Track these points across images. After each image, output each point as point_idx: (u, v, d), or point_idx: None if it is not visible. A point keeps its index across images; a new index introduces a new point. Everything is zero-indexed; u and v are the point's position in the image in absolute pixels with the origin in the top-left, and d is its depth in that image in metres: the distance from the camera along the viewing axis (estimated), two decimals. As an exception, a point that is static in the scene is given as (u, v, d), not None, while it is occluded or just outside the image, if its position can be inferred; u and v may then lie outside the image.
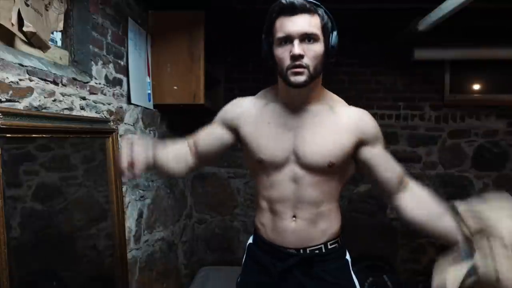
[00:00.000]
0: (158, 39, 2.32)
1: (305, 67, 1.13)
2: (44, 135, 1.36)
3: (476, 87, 3.28)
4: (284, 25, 1.13)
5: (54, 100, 1.44)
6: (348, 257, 1.34)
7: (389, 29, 2.91)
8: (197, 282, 2.90)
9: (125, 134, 1.98)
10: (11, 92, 1.22)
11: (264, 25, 1.20)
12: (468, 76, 3.24)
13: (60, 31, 1.61)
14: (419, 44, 2.91)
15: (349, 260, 1.34)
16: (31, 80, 1.31)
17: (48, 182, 1.43)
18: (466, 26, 2.83)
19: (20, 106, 1.27)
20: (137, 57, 2.13)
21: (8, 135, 1.17)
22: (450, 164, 3.22)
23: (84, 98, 1.63)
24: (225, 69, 3.22)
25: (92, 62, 1.70)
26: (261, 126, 1.26)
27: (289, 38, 1.13)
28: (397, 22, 2.71)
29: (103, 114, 1.78)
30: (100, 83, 1.76)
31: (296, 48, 1.11)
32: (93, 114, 1.69)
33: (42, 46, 1.45)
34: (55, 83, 1.44)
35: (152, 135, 2.36)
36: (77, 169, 1.61)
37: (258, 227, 1.35)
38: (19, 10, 1.29)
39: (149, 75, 2.30)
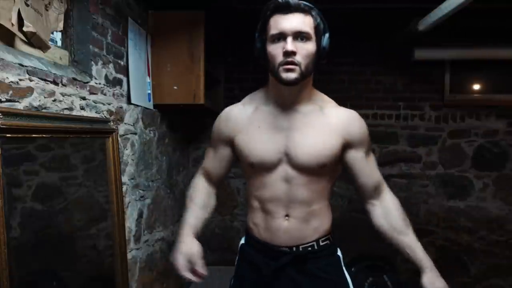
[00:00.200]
0: (158, 39, 2.32)
1: (297, 65, 1.15)
2: (44, 135, 1.35)
3: (476, 87, 3.27)
4: (278, 23, 1.15)
5: (54, 100, 1.44)
6: (340, 253, 1.36)
7: (389, 29, 2.91)
8: (197, 282, 2.89)
9: (125, 134, 1.98)
10: (11, 92, 1.22)
11: (258, 23, 1.22)
12: (468, 76, 3.24)
13: (60, 31, 1.61)
14: (419, 44, 2.90)
15: (341, 256, 1.36)
16: (31, 80, 1.31)
17: (48, 182, 1.43)
18: (466, 26, 2.83)
19: (20, 106, 1.27)
20: (137, 57, 2.13)
21: (8, 135, 1.17)
22: (450, 164, 3.22)
23: (84, 98, 1.63)
24: (225, 69, 3.22)
25: (92, 62, 1.70)
26: (252, 131, 1.28)
27: (282, 35, 1.15)
28: (397, 22, 2.72)
29: (103, 114, 1.78)
30: (100, 83, 1.76)
31: (289, 45, 1.13)
32: (93, 114, 1.69)
33: (42, 46, 1.45)
34: (55, 83, 1.44)
35: (152, 135, 2.36)
36: (77, 169, 1.61)
37: (250, 227, 1.37)
38: (19, 10, 1.29)
39: (149, 75, 2.30)
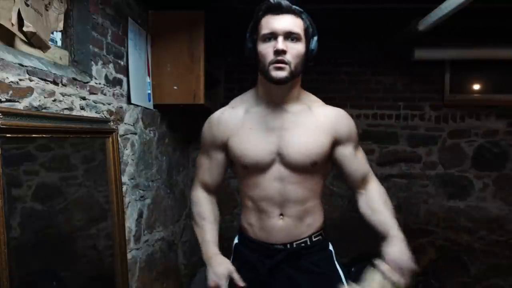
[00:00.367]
0: (158, 39, 2.32)
1: (287, 64, 1.19)
2: (44, 135, 1.35)
3: (476, 87, 3.28)
4: (270, 23, 1.20)
5: (54, 100, 1.44)
6: (331, 248, 1.39)
7: (389, 29, 2.91)
8: (197, 282, 2.90)
9: (125, 134, 1.98)
10: (11, 92, 1.22)
11: (250, 23, 1.26)
12: (468, 76, 3.24)
13: (60, 31, 1.61)
14: (419, 44, 2.90)
15: (333, 251, 1.39)
16: (31, 80, 1.31)
17: (48, 182, 1.43)
18: (466, 26, 2.83)
19: (20, 106, 1.27)
20: (137, 57, 2.13)
21: (8, 135, 1.17)
22: (450, 164, 3.22)
23: (84, 98, 1.63)
24: (225, 69, 3.22)
25: (92, 62, 1.70)
26: (244, 133, 1.30)
27: (273, 34, 1.19)
28: (397, 22, 2.72)
29: (103, 114, 1.78)
30: (100, 83, 1.76)
31: (280, 44, 1.17)
32: (93, 114, 1.69)
33: (42, 46, 1.45)
34: (55, 83, 1.44)
35: (152, 135, 2.36)
36: (77, 169, 1.61)
37: (245, 227, 1.38)
38: (19, 10, 1.28)
39: (149, 75, 2.30)
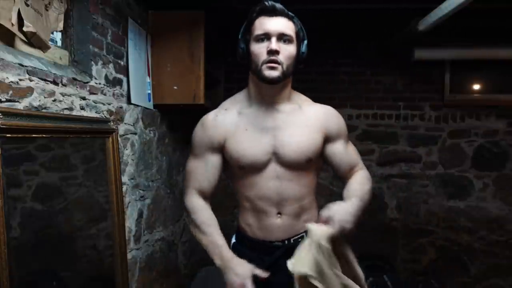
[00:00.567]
0: (158, 39, 2.32)
1: (280, 64, 1.24)
2: (44, 135, 1.35)
3: (476, 87, 3.28)
4: (264, 24, 1.25)
5: (54, 100, 1.44)
6: None
7: (389, 29, 2.91)
8: (197, 282, 2.90)
9: (125, 134, 1.98)
10: (11, 92, 1.22)
11: (243, 24, 1.30)
12: (468, 76, 3.24)
13: (60, 31, 1.61)
14: (419, 44, 2.90)
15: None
16: (31, 80, 1.31)
17: (48, 182, 1.43)
18: (466, 26, 2.83)
19: (20, 106, 1.27)
20: (137, 57, 2.13)
21: (8, 135, 1.17)
22: (450, 164, 3.22)
23: (84, 98, 1.63)
24: (225, 69, 3.22)
25: (92, 62, 1.70)
26: (240, 134, 1.32)
27: (267, 35, 1.24)
28: (397, 22, 2.72)
29: (103, 114, 1.78)
30: (100, 83, 1.76)
31: (273, 44, 1.22)
32: (93, 114, 1.69)
33: (42, 46, 1.45)
34: (55, 83, 1.44)
35: (152, 135, 2.36)
36: (77, 169, 1.61)
37: (243, 228, 1.39)
38: (19, 10, 1.28)
39: (149, 75, 2.30)
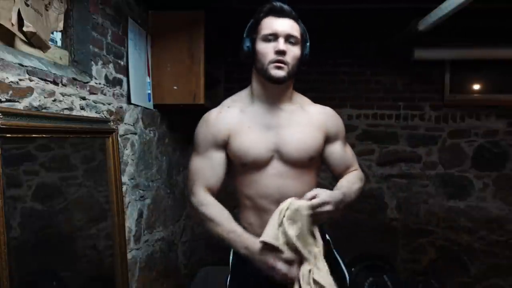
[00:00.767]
0: (158, 39, 2.32)
1: (286, 64, 1.25)
2: (44, 135, 1.35)
3: (476, 87, 3.28)
4: (272, 24, 1.26)
5: (54, 100, 1.44)
6: (328, 238, 1.43)
7: (389, 29, 2.91)
8: (197, 282, 2.90)
9: (125, 134, 1.98)
10: (11, 92, 1.22)
11: (249, 23, 1.31)
12: (468, 76, 3.24)
13: (60, 31, 1.61)
14: (419, 44, 2.90)
15: (330, 240, 1.44)
16: (31, 80, 1.31)
17: (48, 182, 1.43)
18: (466, 26, 2.83)
19: (20, 106, 1.27)
20: (137, 57, 2.13)
21: (8, 135, 1.17)
22: (450, 164, 3.22)
23: (84, 98, 1.63)
24: (225, 69, 3.22)
25: (92, 62, 1.70)
26: (243, 131, 1.33)
27: (275, 35, 1.25)
28: (397, 22, 2.71)
29: (103, 114, 1.78)
30: (100, 83, 1.76)
31: (281, 45, 1.24)
32: (93, 114, 1.69)
33: (42, 46, 1.45)
34: (55, 83, 1.44)
35: (152, 135, 2.36)
36: (77, 169, 1.61)
37: (244, 227, 1.37)
38: (19, 10, 1.28)
39: (149, 75, 2.30)
